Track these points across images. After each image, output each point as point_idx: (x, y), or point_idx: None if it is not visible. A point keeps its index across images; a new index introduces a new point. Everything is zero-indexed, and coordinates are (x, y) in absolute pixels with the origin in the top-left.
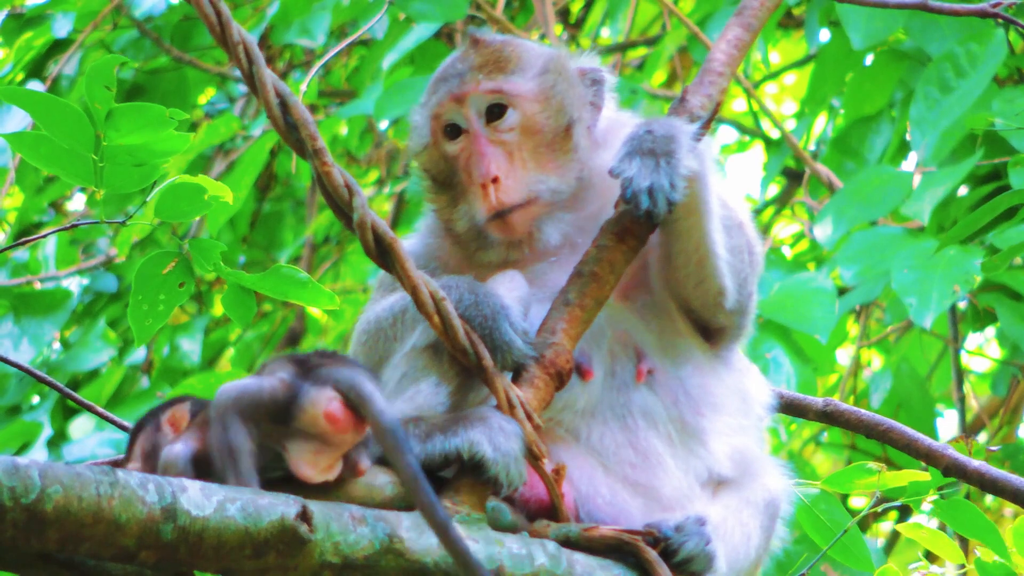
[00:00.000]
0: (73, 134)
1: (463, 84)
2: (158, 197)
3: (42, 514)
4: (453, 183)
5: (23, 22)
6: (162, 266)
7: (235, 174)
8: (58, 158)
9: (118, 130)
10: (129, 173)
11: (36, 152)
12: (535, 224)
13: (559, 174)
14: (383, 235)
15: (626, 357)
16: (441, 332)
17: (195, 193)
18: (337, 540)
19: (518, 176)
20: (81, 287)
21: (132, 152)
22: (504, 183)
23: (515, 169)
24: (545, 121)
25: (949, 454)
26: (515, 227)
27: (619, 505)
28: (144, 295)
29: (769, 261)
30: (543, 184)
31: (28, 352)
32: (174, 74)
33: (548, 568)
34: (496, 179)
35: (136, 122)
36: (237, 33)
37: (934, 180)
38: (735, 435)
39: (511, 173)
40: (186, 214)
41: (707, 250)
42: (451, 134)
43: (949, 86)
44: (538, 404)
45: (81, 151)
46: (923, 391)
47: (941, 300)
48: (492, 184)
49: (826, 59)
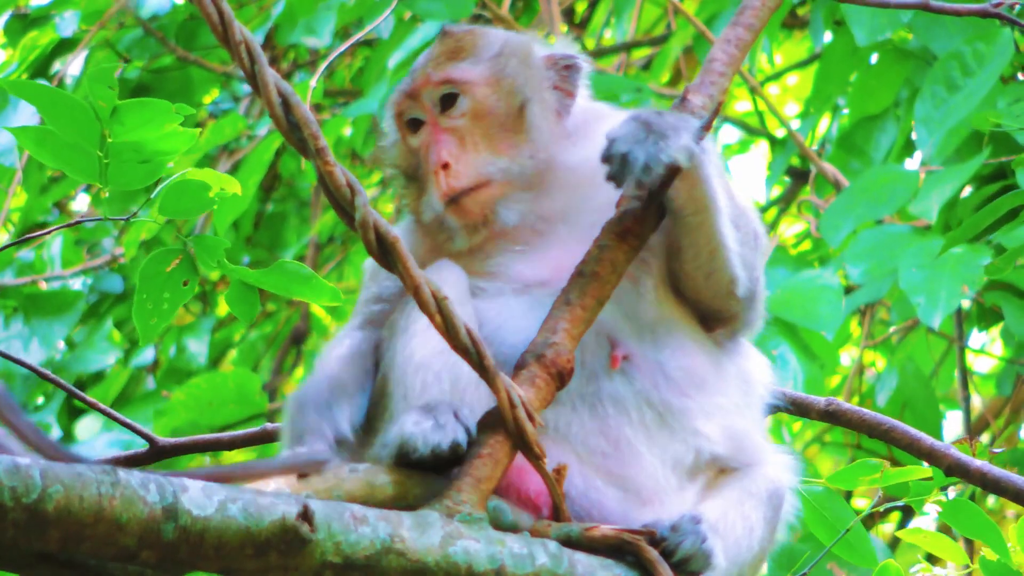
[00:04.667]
0: (79, 130)
1: (416, 79)
2: (163, 194)
3: (43, 514)
4: (418, 175)
5: (28, 22)
6: (166, 264)
7: (240, 175)
8: (63, 153)
9: (123, 125)
10: (134, 170)
11: (41, 147)
12: (490, 207)
13: (511, 155)
14: (385, 234)
15: (597, 344)
16: (443, 332)
17: (200, 190)
18: (338, 540)
19: (468, 160)
20: (86, 287)
21: (137, 148)
22: (454, 168)
23: (466, 154)
24: (495, 104)
25: (951, 454)
26: (469, 210)
27: (592, 496)
28: (148, 293)
29: (775, 259)
30: (493, 166)
31: (38, 353)
32: (179, 74)
33: (549, 568)
34: (447, 165)
35: (141, 118)
36: (239, 32)
37: (940, 179)
38: (731, 415)
39: (461, 158)
40: (192, 211)
41: (718, 243)
42: (413, 128)
43: (955, 85)
44: (539, 403)
45: (86, 147)
46: (928, 391)
47: (950, 299)
48: (443, 170)
49: (831, 58)
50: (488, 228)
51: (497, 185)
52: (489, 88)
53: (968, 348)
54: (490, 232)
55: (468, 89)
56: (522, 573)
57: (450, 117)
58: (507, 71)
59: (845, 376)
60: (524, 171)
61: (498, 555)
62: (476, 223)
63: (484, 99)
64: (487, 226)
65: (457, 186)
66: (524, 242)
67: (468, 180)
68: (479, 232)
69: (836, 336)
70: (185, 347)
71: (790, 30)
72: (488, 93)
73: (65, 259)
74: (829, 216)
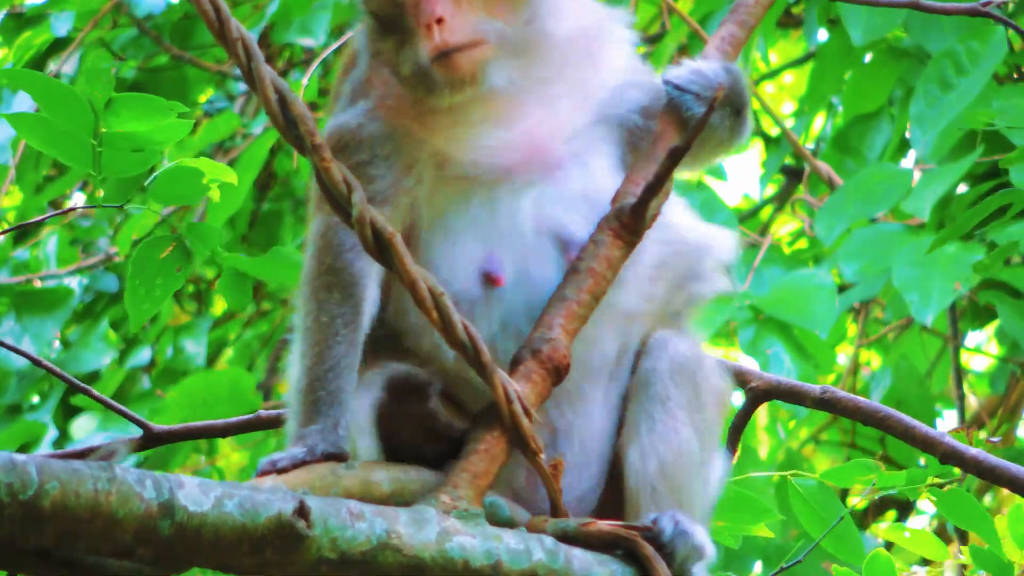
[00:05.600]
0: (74, 119)
1: None
2: (157, 181)
3: (39, 510)
4: (399, 26)
5: (23, 21)
6: (160, 250)
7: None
8: (58, 141)
9: (118, 117)
10: (128, 158)
11: (36, 134)
12: (481, 66)
13: (508, 18)
14: (382, 230)
15: (544, 252)
16: (440, 328)
17: (194, 177)
18: (335, 536)
19: (464, 17)
20: (81, 286)
21: (131, 138)
22: (449, 23)
23: (461, 10)
24: None
25: (946, 441)
26: (459, 67)
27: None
28: (141, 279)
29: (769, 258)
30: (489, 26)
31: (30, 351)
32: (174, 73)
33: (546, 563)
34: (441, 19)
35: (136, 112)
36: (236, 29)
37: (934, 177)
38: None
39: (457, 14)
40: (185, 198)
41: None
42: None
43: (949, 83)
44: (535, 399)
45: (81, 136)
46: (923, 389)
47: (942, 297)
48: (436, 24)
49: (825, 57)
50: (474, 88)
51: (490, 47)
52: None
53: (963, 347)
54: (474, 93)
55: None
56: (518, 569)
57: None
58: None
59: (840, 375)
60: (518, 36)
61: (494, 550)
62: (464, 81)
63: None
64: (473, 86)
65: (452, 41)
66: (504, 109)
67: (462, 36)
68: (463, 91)
69: (832, 334)
70: (182, 348)
71: (785, 28)
72: None
73: (61, 258)
74: (823, 215)
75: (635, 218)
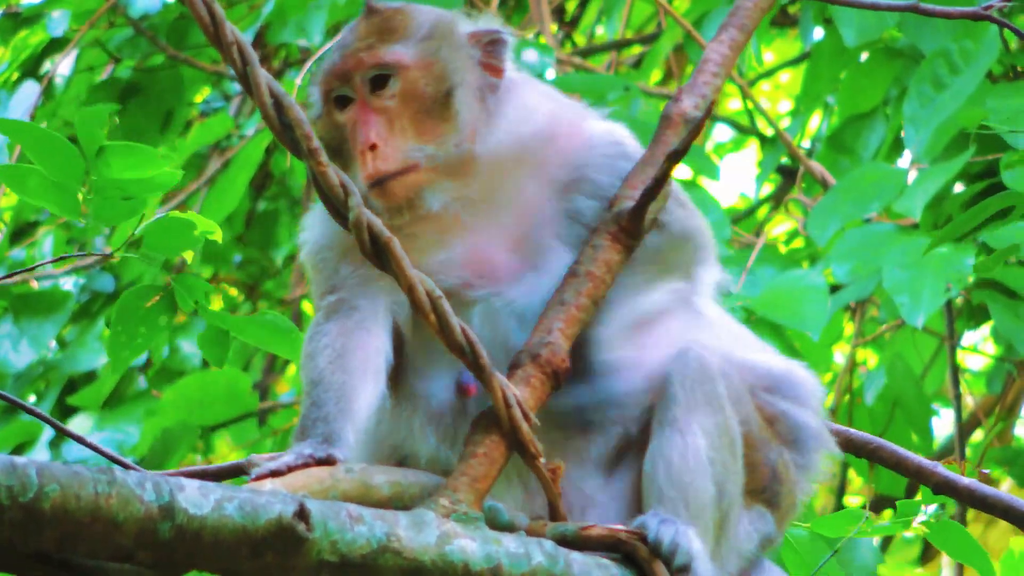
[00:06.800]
0: (61, 167)
1: (347, 59)
2: (147, 232)
3: (40, 513)
4: (343, 152)
5: (19, 21)
6: (146, 300)
7: (230, 172)
8: (47, 191)
9: (108, 166)
10: (116, 207)
11: (23, 185)
12: (416, 191)
13: (437, 142)
14: (379, 234)
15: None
16: (438, 330)
17: (184, 228)
18: (335, 539)
19: (396, 144)
20: (77, 286)
21: (120, 186)
22: (382, 150)
23: (394, 136)
24: (425, 88)
25: (939, 471)
26: (394, 194)
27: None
28: (124, 327)
29: (764, 258)
30: (420, 152)
31: (28, 353)
32: (170, 72)
33: (546, 567)
34: (374, 146)
35: (127, 161)
36: (231, 33)
37: (928, 177)
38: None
39: (390, 140)
40: (175, 249)
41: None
42: (340, 104)
43: (943, 83)
44: (534, 403)
45: (69, 183)
46: (918, 389)
47: (933, 299)
48: (370, 151)
49: (820, 57)
50: (412, 212)
51: (423, 171)
52: (420, 72)
53: (960, 347)
54: (413, 216)
55: (400, 72)
56: (518, 572)
57: (380, 98)
58: (438, 54)
59: (836, 374)
60: (450, 158)
61: (494, 554)
62: (400, 206)
63: (414, 82)
64: (411, 210)
65: (384, 169)
66: (447, 228)
67: (395, 164)
68: (402, 215)
69: (828, 334)
70: (179, 348)
71: (782, 28)
72: (419, 76)
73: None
74: (816, 215)
75: (633, 222)
